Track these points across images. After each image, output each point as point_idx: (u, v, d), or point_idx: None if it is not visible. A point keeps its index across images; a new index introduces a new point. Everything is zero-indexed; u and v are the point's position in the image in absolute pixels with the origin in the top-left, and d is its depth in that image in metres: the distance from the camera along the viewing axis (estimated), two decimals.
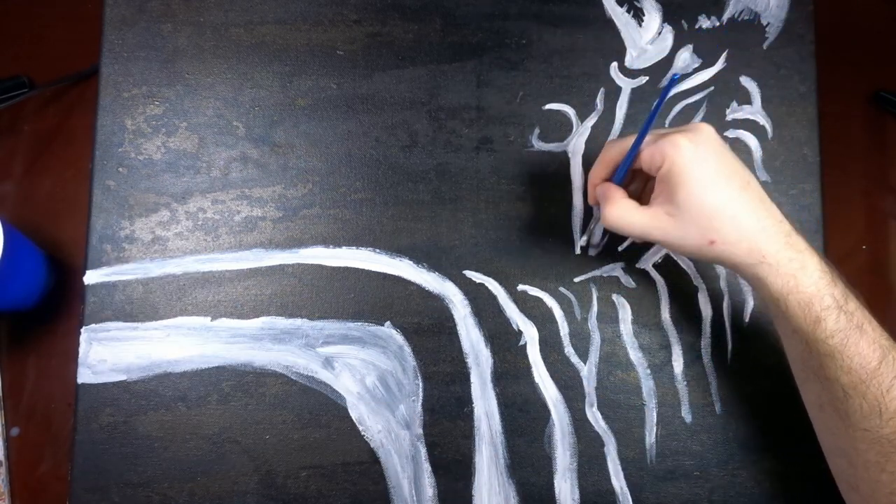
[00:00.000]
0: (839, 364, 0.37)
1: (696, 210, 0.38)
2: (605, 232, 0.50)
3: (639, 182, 0.45)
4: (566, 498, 0.47)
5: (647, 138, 0.40)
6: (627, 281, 0.50)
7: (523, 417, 0.48)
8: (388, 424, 0.47)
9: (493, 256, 0.50)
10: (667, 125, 0.52)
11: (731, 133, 0.52)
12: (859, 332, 0.37)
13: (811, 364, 0.39)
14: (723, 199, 0.38)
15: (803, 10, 0.54)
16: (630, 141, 0.41)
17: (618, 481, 0.48)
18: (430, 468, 0.47)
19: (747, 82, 0.53)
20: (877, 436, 0.36)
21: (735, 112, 0.53)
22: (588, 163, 0.51)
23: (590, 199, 0.46)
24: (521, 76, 0.52)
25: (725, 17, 0.53)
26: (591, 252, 0.50)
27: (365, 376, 0.48)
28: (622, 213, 0.41)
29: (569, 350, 0.49)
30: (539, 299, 0.49)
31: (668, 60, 0.53)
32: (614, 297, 0.50)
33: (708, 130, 0.39)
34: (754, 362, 0.50)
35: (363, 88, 0.51)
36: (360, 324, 0.48)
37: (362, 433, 0.47)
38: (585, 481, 0.48)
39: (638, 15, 0.53)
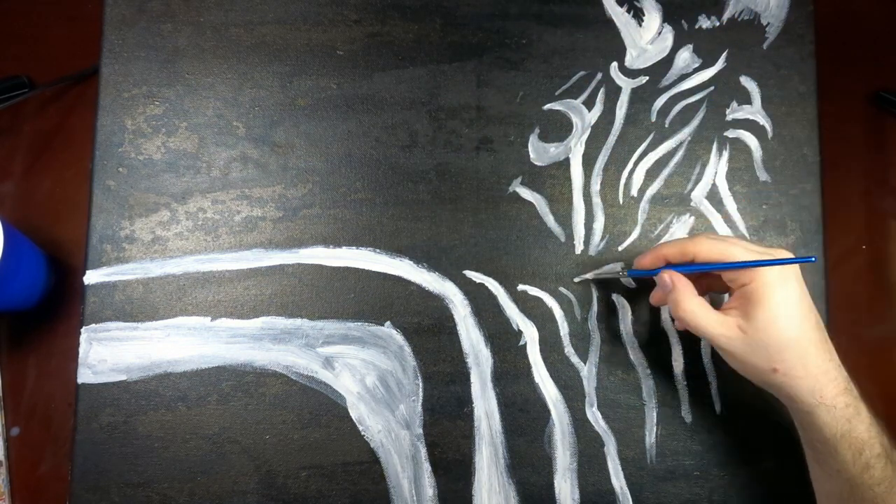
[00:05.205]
0: None
1: (771, 335, 0.39)
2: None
3: (698, 281, 0.44)
4: (566, 498, 0.47)
5: (735, 250, 0.40)
6: (627, 281, 0.50)
7: (523, 417, 0.48)
8: (388, 424, 0.47)
9: (493, 256, 0.50)
10: (666, 125, 0.52)
11: (731, 133, 0.52)
12: None
13: None
14: (798, 333, 0.39)
15: (803, 10, 0.54)
16: (722, 250, 0.40)
17: (618, 481, 0.48)
18: (430, 468, 0.47)
19: (747, 82, 0.53)
20: None
21: (735, 112, 0.52)
22: (588, 163, 0.51)
23: (648, 259, 0.44)
24: (521, 76, 0.52)
25: (725, 17, 0.53)
26: (592, 252, 0.50)
27: (365, 376, 0.48)
28: (696, 309, 0.41)
29: (569, 350, 0.49)
30: (539, 299, 0.49)
31: (669, 60, 0.53)
32: (614, 297, 0.50)
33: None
34: None
35: (363, 88, 0.51)
36: (360, 324, 0.48)
37: (362, 433, 0.47)
38: (585, 481, 0.48)
39: (638, 15, 0.53)
